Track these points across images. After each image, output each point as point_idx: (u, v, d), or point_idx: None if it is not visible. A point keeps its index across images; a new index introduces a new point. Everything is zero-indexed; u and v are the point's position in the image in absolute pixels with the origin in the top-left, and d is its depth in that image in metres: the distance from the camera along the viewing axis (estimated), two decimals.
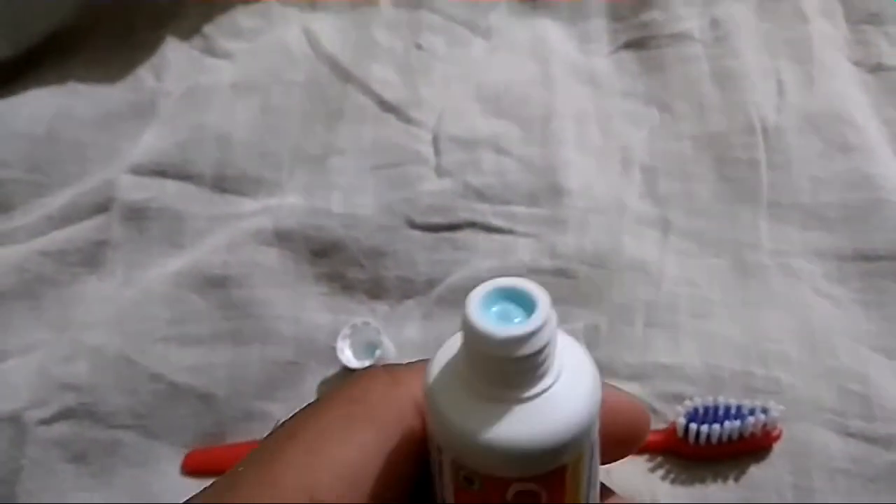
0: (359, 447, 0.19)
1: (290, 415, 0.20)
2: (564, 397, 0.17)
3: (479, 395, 0.17)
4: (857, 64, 0.52)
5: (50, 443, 0.41)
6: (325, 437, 0.19)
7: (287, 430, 0.20)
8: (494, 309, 0.17)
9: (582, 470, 0.18)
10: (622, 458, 0.22)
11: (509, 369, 0.17)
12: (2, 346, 0.44)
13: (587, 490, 0.19)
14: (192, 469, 0.41)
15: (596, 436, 0.18)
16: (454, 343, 0.18)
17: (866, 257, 0.45)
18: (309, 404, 0.20)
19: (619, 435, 0.21)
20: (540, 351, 0.17)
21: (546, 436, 0.17)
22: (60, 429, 0.41)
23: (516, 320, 0.17)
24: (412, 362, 0.21)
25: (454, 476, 0.18)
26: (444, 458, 0.18)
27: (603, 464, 0.20)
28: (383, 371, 0.21)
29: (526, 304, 0.17)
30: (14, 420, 0.41)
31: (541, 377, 0.17)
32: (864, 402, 0.40)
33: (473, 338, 0.17)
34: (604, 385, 0.19)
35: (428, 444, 0.19)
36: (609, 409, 0.19)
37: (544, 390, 0.17)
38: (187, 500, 0.19)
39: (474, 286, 0.49)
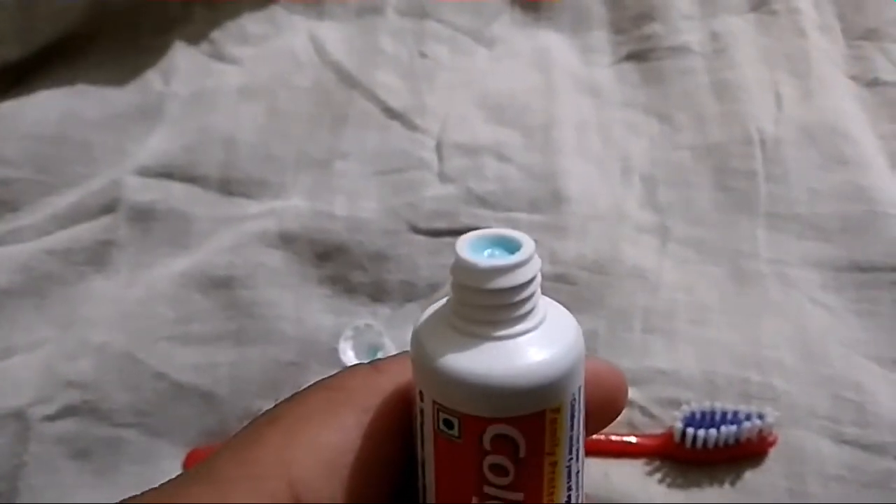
0: (339, 430, 0.19)
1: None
2: (545, 341, 0.18)
3: (461, 333, 0.18)
4: (853, 79, 0.53)
5: (53, 439, 0.41)
6: (304, 421, 0.19)
7: (267, 416, 0.20)
8: (485, 252, 0.18)
9: (562, 424, 0.18)
10: (604, 426, 0.21)
11: (491, 304, 0.17)
12: (7, 343, 0.44)
13: (568, 459, 0.19)
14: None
15: (580, 395, 0.19)
16: (444, 300, 0.19)
17: (861, 268, 0.46)
18: (290, 395, 0.21)
19: (600, 400, 0.21)
20: (522, 286, 0.17)
21: (524, 374, 0.17)
22: (64, 426, 0.41)
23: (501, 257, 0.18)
24: (395, 354, 0.22)
25: (434, 421, 0.18)
26: (424, 403, 0.18)
27: (587, 434, 0.20)
28: (366, 364, 0.21)
29: (513, 248, 0.18)
30: (18, 416, 0.41)
31: (523, 318, 0.18)
32: (858, 410, 0.41)
33: (459, 270, 0.17)
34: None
35: (412, 404, 0.19)
36: (589, 373, 0.19)
37: (526, 331, 0.18)
38: (169, 480, 0.19)
39: None
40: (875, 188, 0.48)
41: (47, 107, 0.52)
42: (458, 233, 0.54)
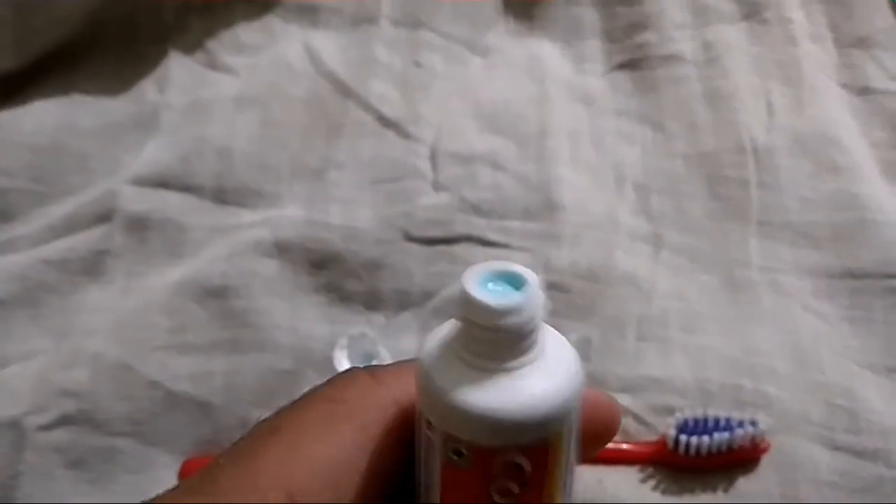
0: (338, 445, 0.19)
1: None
2: (548, 371, 0.19)
3: (470, 366, 0.18)
4: (845, 87, 0.54)
5: (49, 449, 0.41)
6: (304, 435, 0.19)
7: (267, 427, 0.20)
8: (489, 286, 0.18)
9: (562, 451, 0.19)
10: (595, 453, 0.22)
11: (500, 339, 0.18)
12: (3, 353, 0.44)
13: (566, 478, 0.20)
14: (189, 476, 0.41)
15: (576, 423, 0.19)
16: (445, 327, 0.19)
17: (853, 275, 0.46)
18: (291, 402, 0.21)
19: (594, 428, 0.21)
20: (529, 322, 0.18)
21: (532, 405, 0.18)
22: (59, 435, 0.41)
23: (508, 295, 0.18)
24: (393, 363, 0.22)
25: (443, 451, 0.19)
26: (433, 433, 0.19)
27: (580, 462, 0.21)
28: (364, 371, 0.21)
29: (517, 283, 0.18)
30: (14, 426, 0.41)
31: (527, 350, 0.18)
32: (850, 416, 0.41)
33: (469, 307, 0.18)
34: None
35: (415, 428, 0.20)
36: (586, 402, 0.19)
37: (531, 362, 0.18)
38: (168, 490, 0.19)
39: None
40: (867, 196, 0.48)
41: (43, 116, 0.52)
42: (453, 241, 0.54)
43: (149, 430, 0.42)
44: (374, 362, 0.42)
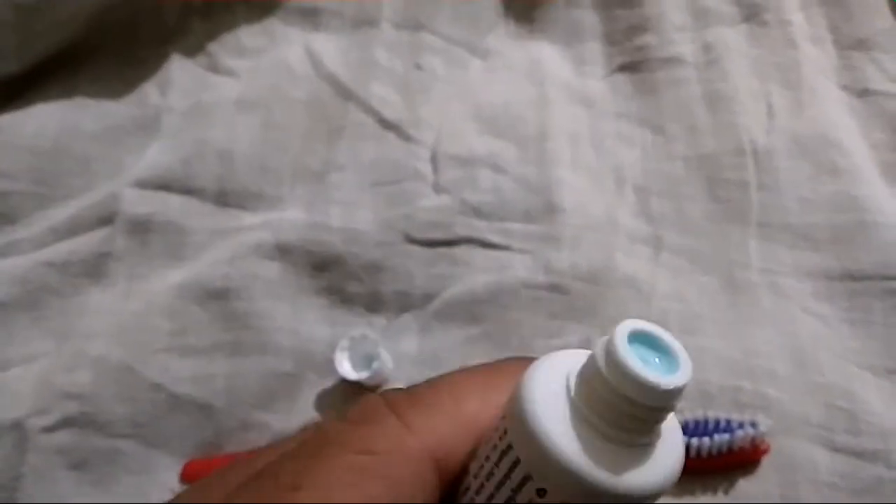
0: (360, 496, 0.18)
1: (292, 442, 0.19)
2: (667, 451, 0.18)
3: (603, 436, 0.17)
4: (844, 89, 0.54)
5: (51, 451, 0.41)
6: (333, 493, 0.18)
7: (290, 476, 0.18)
8: (643, 355, 0.17)
9: None
10: None
11: (652, 417, 0.17)
12: (5, 355, 0.44)
13: None
14: (190, 478, 0.41)
15: None
16: (549, 374, 0.18)
17: (853, 277, 0.46)
18: (311, 437, 0.19)
19: None
20: (675, 404, 0.17)
21: (661, 483, 0.18)
22: (61, 437, 0.41)
23: (665, 374, 0.17)
24: (418, 393, 0.20)
25: None
26: (543, 498, 0.17)
27: None
28: (390, 413, 0.19)
29: (664, 351, 0.17)
30: (16, 427, 0.41)
31: (658, 426, 0.18)
32: (850, 418, 0.41)
33: (629, 384, 0.17)
34: None
35: (477, 475, 0.18)
36: None
37: (660, 435, 0.18)
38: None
39: (471, 300, 0.49)
40: (866, 197, 0.48)
41: (45, 120, 0.52)
42: (453, 243, 0.54)
43: (151, 433, 0.42)
44: (376, 364, 0.42)
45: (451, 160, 0.50)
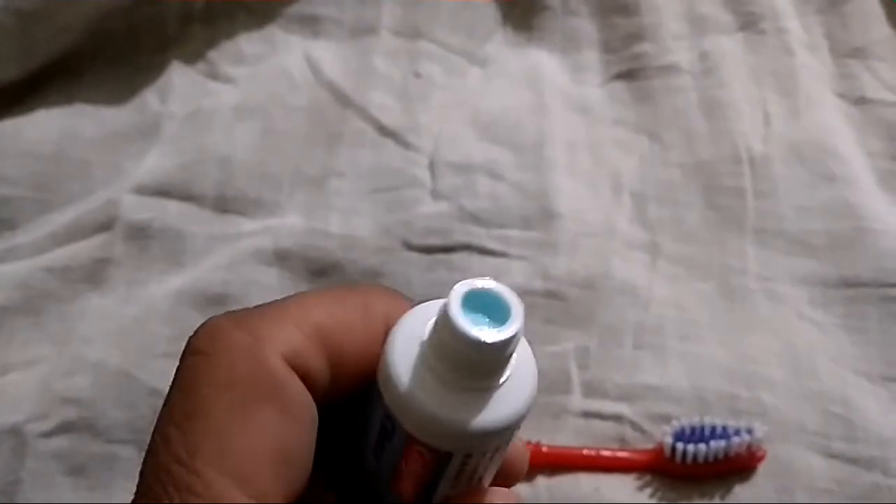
0: (261, 429, 0.19)
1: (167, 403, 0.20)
2: (513, 395, 0.20)
3: (444, 382, 0.19)
4: (841, 96, 0.54)
5: (49, 456, 0.41)
6: (230, 439, 0.19)
7: (181, 445, 0.19)
8: (474, 312, 0.19)
9: (500, 456, 0.22)
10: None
11: (480, 368, 0.19)
12: (4, 360, 0.45)
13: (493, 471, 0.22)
14: None
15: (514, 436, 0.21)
16: (410, 331, 0.20)
17: (849, 284, 0.46)
18: (178, 390, 0.20)
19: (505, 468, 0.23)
20: (510, 353, 0.19)
21: (496, 424, 0.20)
22: (60, 442, 0.42)
23: (496, 327, 0.19)
24: (265, 308, 0.22)
25: (407, 452, 0.20)
26: (416, 446, 0.20)
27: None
28: (231, 324, 0.20)
29: (501, 308, 0.19)
30: (15, 432, 0.42)
31: (506, 368, 0.20)
32: (846, 424, 0.41)
33: (456, 337, 0.19)
34: None
35: (371, 419, 0.21)
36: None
37: (507, 379, 0.20)
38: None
39: None
40: (862, 205, 0.48)
41: (45, 126, 0.52)
42: (451, 250, 0.55)
43: (148, 438, 0.42)
44: None
45: (450, 167, 0.50)
